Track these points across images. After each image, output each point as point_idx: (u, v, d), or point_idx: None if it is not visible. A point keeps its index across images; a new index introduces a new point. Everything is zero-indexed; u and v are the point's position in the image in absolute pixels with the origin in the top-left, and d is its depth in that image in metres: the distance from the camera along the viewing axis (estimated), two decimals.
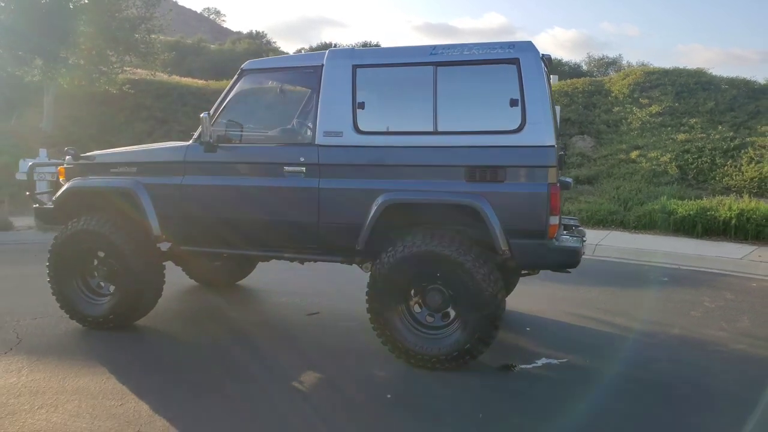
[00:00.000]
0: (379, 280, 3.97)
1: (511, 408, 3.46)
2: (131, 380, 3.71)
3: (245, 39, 49.26)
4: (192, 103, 17.48)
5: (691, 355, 4.40)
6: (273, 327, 4.92)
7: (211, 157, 4.37)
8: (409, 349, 3.94)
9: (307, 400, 3.51)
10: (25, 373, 3.81)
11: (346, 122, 4.08)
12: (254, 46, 48.49)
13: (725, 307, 5.77)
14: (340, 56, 4.20)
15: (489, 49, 3.89)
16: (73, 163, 4.90)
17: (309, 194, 4.15)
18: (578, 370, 4.05)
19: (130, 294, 4.55)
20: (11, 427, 3.08)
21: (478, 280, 3.75)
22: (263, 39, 53.17)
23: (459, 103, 3.96)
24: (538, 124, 3.73)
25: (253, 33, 51.47)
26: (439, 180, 3.91)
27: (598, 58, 36.53)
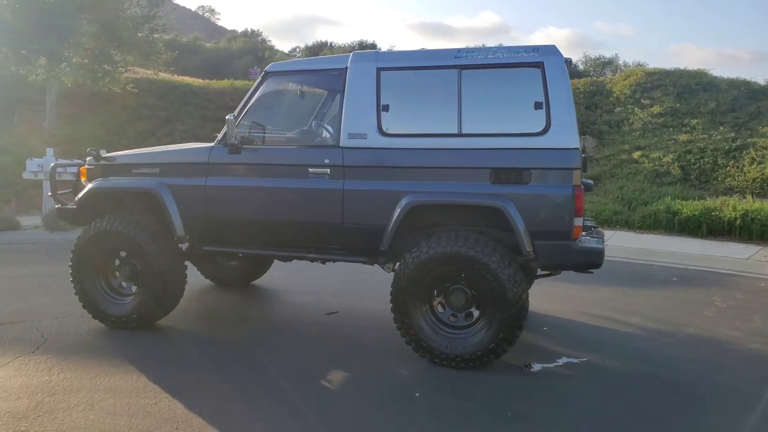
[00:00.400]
0: (404, 280, 4.02)
1: (538, 407, 3.52)
2: (162, 379, 3.75)
3: (240, 37, 49.20)
4: (194, 102, 17.51)
5: (708, 355, 4.47)
6: (293, 326, 4.97)
7: (236, 158, 4.41)
8: (433, 348, 4.00)
9: (337, 399, 3.57)
10: (56, 371, 3.85)
11: (371, 124, 4.14)
12: (250, 44, 48.45)
13: (736, 307, 5.86)
14: (364, 59, 4.26)
15: (513, 53, 3.95)
16: (94, 163, 4.94)
17: (333, 196, 4.20)
18: (599, 369, 4.12)
19: (153, 294, 4.60)
20: (51, 426, 3.12)
21: (503, 281, 3.81)
22: (258, 37, 53.16)
23: (483, 106, 4.02)
24: (563, 126, 3.79)
25: (248, 31, 51.42)
26: (464, 182, 3.97)
27: (595, 57, 36.69)
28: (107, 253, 4.78)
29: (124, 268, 4.79)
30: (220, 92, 18.33)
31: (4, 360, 4.05)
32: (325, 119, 5.24)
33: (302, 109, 5.33)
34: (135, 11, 15.15)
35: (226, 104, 17.81)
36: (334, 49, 44.97)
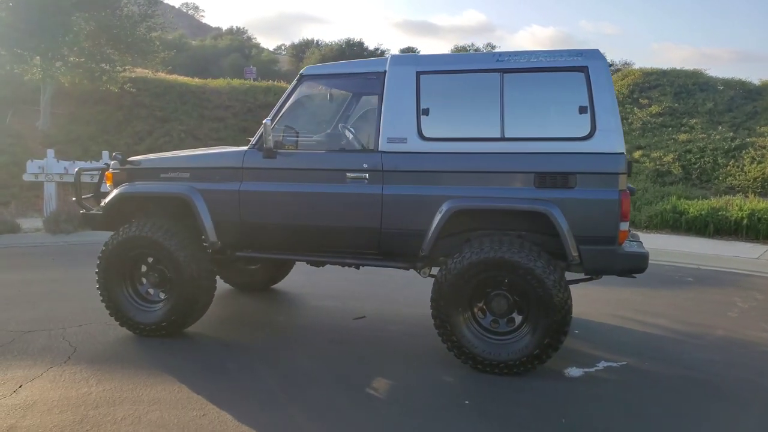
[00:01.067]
0: (446, 286, 3.98)
1: (589, 413, 3.50)
2: (203, 389, 3.68)
3: (226, 35, 48.85)
4: (192, 102, 17.34)
5: (743, 357, 4.48)
6: (323, 332, 4.91)
7: (271, 163, 4.34)
8: (476, 354, 3.97)
9: (386, 407, 3.52)
10: (94, 382, 3.77)
11: (411, 129, 4.09)
12: (236, 42, 48.14)
13: (759, 307, 5.90)
14: (403, 62, 4.21)
15: (556, 57, 3.93)
16: (119, 167, 4.84)
17: (372, 200, 4.15)
18: (639, 374, 4.11)
19: (184, 301, 4.52)
20: None
21: (549, 286, 3.79)
22: (244, 35, 52.87)
23: (526, 110, 3.99)
24: (609, 131, 3.77)
25: (233, 29, 51.07)
26: (507, 186, 3.94)
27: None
28: (135, 259, 4.69)
29: (152, 275, 4.70)
30: (217, 91, 18.16)
31: (36, 371, 3.95)
32: (348, 122, 5.19)
33: (334, 112, 5.27)
34: (132, 9, 14.94)
35: (224, 104, 17.69)
36: (321, 48, 44.85)
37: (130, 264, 4.70)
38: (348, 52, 41.84)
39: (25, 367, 4.02)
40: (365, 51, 43.27)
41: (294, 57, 51.86)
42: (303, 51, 51.71)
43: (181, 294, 4.51)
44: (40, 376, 3.88)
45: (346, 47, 42.90)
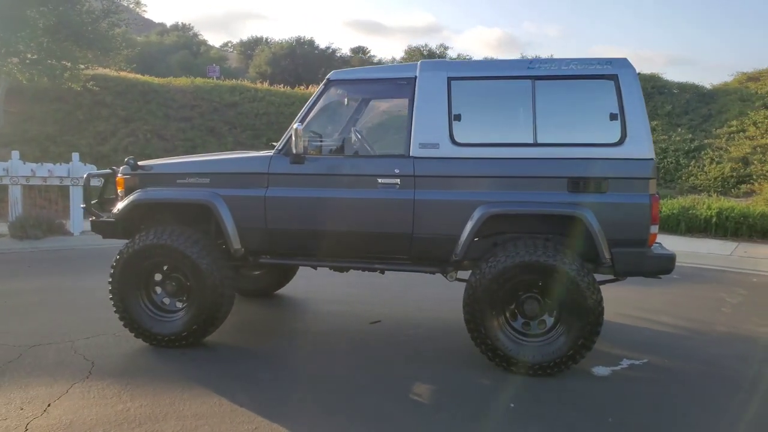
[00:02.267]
0: (480, 290, 4.03)
1: (630, 409, 3.60)
2: (244, 401, 3.59)
3: (172, 31, 47.58)
4: (156, 101, 16.85)
5: (751, 351, 4.72)
6: (343, 337, 4.88)
7: (299, 168, 4.28)
8: (510, 357, 4.03)
9: (435, 413, 3.53)
10: (127, 398, 3.62)
11: (443, 134, 4.11)
12: (183, 39, 46.97)
13: (746, 303, 6.21)
14: (433, 68, 4.23)
15: (587, 65, 4.03)
16: (130, 173, 4.67)
17: (404, 206, 4.15)
18: (663, 370, 4.27)
19: (207, 309, 4.40)
20: None
21: (583, 289, 3.88)
22: (190, 31, 51.73)
23: (558, 116, 4.08)
24: (639, 137, 3.90)
25: (178, 25, 49.75)
26: (541, 191, 4.01)
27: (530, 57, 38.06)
28: (152, 268, 4.54)
29: (168, 284, 4.55)
30: (181, 91, 17.69)
31: (59, 388, 3.77)
32: (357, 126, 5.18)
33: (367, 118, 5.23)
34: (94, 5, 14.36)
35: (189, 103, 17.26)
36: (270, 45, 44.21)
37: (146, 273, 4.55)
38: (299, 51, 41.41)
39: (45, 384, 3.83)
40: (316, 49, 42.95)
41: (242, 54, 51.03)
42: (252, 48, 50.95)
43: (203, 303, 4.39)
44: (65, 393, 3.70)
45: (297, 45, 42.40)
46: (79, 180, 10.37)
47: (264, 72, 38.38)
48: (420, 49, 39.71)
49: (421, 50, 39.57)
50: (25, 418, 3.35)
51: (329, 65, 41.83)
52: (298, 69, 39.65)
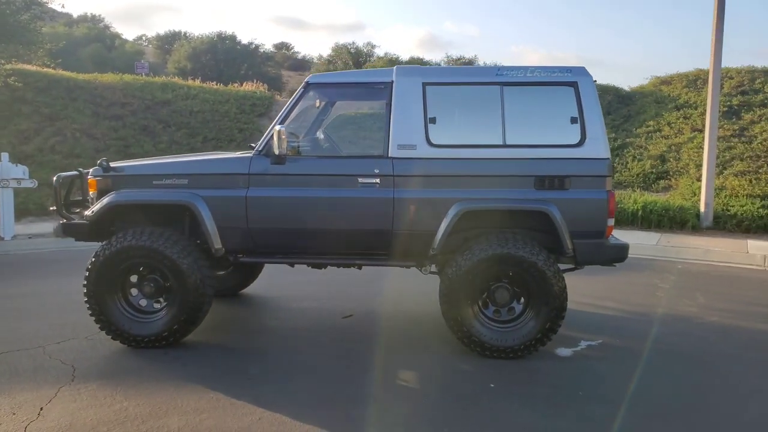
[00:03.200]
0: (456, 281, 4.32)
1: (595, 385, 3.99)
2: (241, 394, 3.69)
3: (81, 22, 45.30)
4: (82, 98, 16.11)
5: (688, 328, 5.29)
6: (319, 332, 5.03)
7: (280, 169, 4.41)
8: (484, 342, 4.35)
9: (425, 396, 3.78)
10: (120, 398, 3.65)
11: (419, 136, 4.37)
12: (95, 31, 44.87)
13: (676, 287, 6.88)
14: (409, 73, 4.47)
15: (549, 73, 4.40)
16: (102, 174, 4.63)
17: (383, 204, 4.37)
18: (618, 349, 4.73)
19: (189, 309, 4.44)
20: None
21: (549, 277, 4.26)
22: (101, 23, 49.53)
23: (524, 119, 4.41)
24: (597, 139, 4.31)
25: (87, 16, 47.39)
26: (510, 188, 4.35)
27: (456, 58, 39.13)
28: (128, 269, 4.52)
29: (146, 285, 4.55)
30: (110, 87, 17.00)
31: (46, 392, 3.73)
32: (322, 127, 5.36)
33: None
34: None
35: (119, 101, 16.64)
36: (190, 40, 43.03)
37: (123, 275, 4.53)
38: (220, 46, 40.46)
39: (30, 389, 3.78)
40: (238, 45, 42.06)
41: (159, 49, 49.34)
42: (169, 43, 49.33)
43: (184, 303, 4.43)
44: (55, 396, 3.67)
45: (218, 40, 41.40)
46: (8, 182, 9.88)
47: (184, 67, 37.23)
48: (347, 46, 39.76)
49: (349, 48, 39.62)
50: (21, 422, 3.32)
51: (252, 61, 41.05)
52: (220, 65, 38.71)
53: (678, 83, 17.34)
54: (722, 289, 6.90)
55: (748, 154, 13.23)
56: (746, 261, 8.62)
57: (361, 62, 38.57)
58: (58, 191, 4.73)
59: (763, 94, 15.45)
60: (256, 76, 30.73)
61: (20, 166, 10.08)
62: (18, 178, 9.90)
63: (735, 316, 5.72)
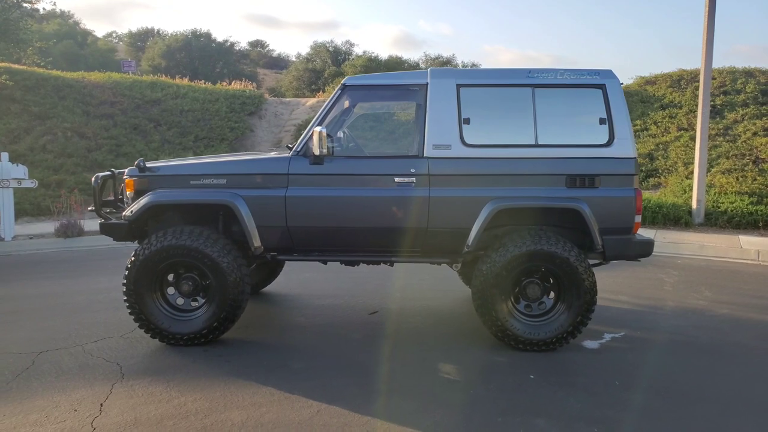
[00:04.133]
0: (491, 277, 4.47)
1: (627, 373, 4.18)
2: (293, 389, 3.80)
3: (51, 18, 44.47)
4: (72, 96, 15.94)
5: (701, 320, 5.52)
6: (351, 328, 5.13)
7: (318, 169, 4.51)
8: (519, 336, 4.51)
9: (471, 387, 3.92)
10: (176, 394, 3.73)
11: (454, 136, 4.51)
12: (65, 28, 44.11)
13: (681, 281, 7.14)
14: (443, 75, 4.60)
15: (578, 75, 4.57)
16: (140, 174, 4.67)
17: (419, 203, 4.50)
18: (640, 341, 4.92)
19: (229, 307, 4.52)
20: None
21: (581, 272, 4.44)
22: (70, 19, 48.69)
23: (554, 120, 4.57)
24: (625, 139, 4.50)
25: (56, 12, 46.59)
26: (542, 187, 4.51)
27: (434, 57, 39.41)
28: (168, 268, 4.58)
29: (184, 283, 4.61)
30: (99, 86, 16.82)
31: (102, 389, 3.79)
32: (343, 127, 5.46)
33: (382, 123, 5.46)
34: None
35: (109, 99, 16.49)
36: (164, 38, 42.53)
37: (161, 273, 4.58)
38: (195, 43, 40.10)
39: (82, 386, 3.83)
40: (213, 42, 41.73)
41: (132, 46, 48.73)
42: (142, 40, 48.74)
43: (224, 300, 4.51)
44: (111, 393, 3.74)
45: (192, 38, 41.00)
46: (9, 182, 9.77)
47: (158, 65, 36.83)
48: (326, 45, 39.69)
49: (327, 46, 39.56)
50: (86, 418, 3.38)
51: (228, 59, 40.73)
52: (195, 62, 38.39)
53: (662, 83, 17.78)
54: (724, 282, 7.18)
55: (734, 153, 13.65)
56: (741, 256, 8.95)
57: (341, 60, 38.62)
58: (97, 191, 4.76)
59: (745, 94, 15.94)
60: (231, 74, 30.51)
61: (20, 166, 9.98)
62: (18, 179, 9.80)
63: (743, 308, 5.98)
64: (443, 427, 3.34)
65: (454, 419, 3.45)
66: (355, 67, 33.14)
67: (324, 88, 34.43)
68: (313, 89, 35.95)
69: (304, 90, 35.54)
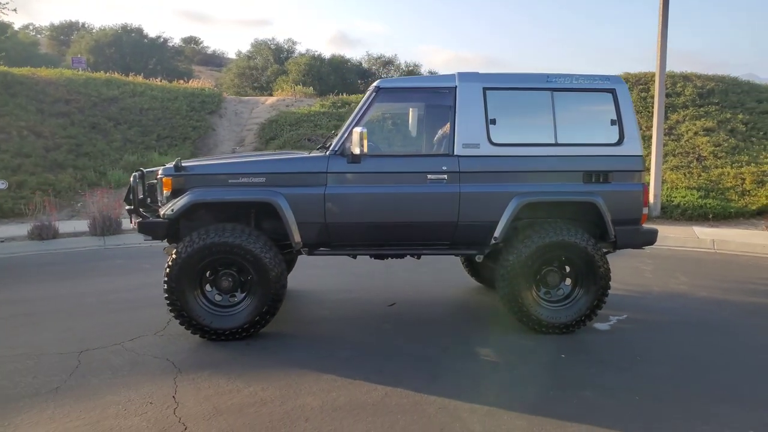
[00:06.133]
0: (518, 266, 4.83)
1: (641, 352, 4.62)
2: (351, 374, 4.02)
3: None
4: (23, 93, 15.31)
5: (687, 302, 6.09)
6: (378, 319, 5.36)
7: (356, 167, 4.73)
8: (542, 320, 4.89)
9: (513, 368, 4.25)
10: (242, 385, 3.87)
11: (482, 136, 4.83)
12: None
13: (658, 269, 7.76)
14: (471, 79, 4.91)
15: (591, 80, 5.00)
16: (178, 174, 4.74)
17: (451, 198, 4.80)
18: (642, 322, 5.41)
19: (269, 301, 4.68)
20: None
21: (597, 260, 4.87)
22: None
23: (571, 121, 4.97)
24: (633, 138, 4.96)
25: None
26: (561, 182, 4.91)
27: (376, 56, 39.86)
28: (208, 265, 4.68)
29: (224, 280, 4.73)
30: (52, 83, 16.20)
31: (166, 383, 3.90)
32: None
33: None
34: None
35: (64, 97, 15.93)
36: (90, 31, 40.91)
37: (202, 270, 4.68)
38: (125, 38, 38.78)
39: (145, 382, 3.93)
40: (145, 38, 40.47)
41: (55, 40, 46.62)
42: (66, 33, 46.72)
43: (266, 294, 4.66)
44: (177, 386, 3.84)
45: (123, 33, 39.59)
46: None
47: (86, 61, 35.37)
48: (267, 42, 39.28)
49: (269, 44, 39.19)
50: (165, 410, 3.50)
51: (161, 55, 39.55)
52: (126, 58, 37.08)
53: None
54: (693, 269, 7.85)
55: (679, 151, 14.71)
56: (698, 245, 9.76)
57: (283, 59, 38.35)
58: (136, 190, 4.79)
59: (684, 96, 17.12)
60: (165, 71, 29.70)
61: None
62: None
63: (717, 291, 6.62)
64: (505, 403, 3.65)
65: (511, 396, 3.77)
66: (299, 65, 32.99)
67: (269, 86, 34.07)
68: (256, 87, 35.55)
69: (246, 88, 35.04)
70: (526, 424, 3.37)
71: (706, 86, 17.11)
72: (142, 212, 4.81)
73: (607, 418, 3.47)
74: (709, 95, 16.74)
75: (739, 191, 12.42)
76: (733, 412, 3.57)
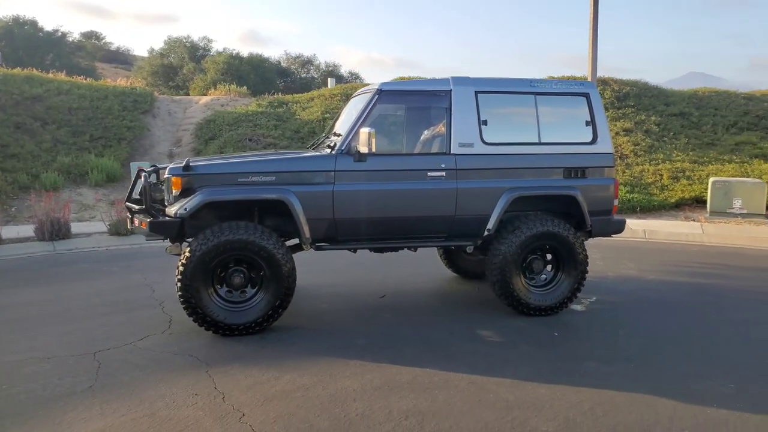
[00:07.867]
0: (509, 255, 5.28)
1: (624, 326, 5.20)
2: (378, 359, 4.30)
3: None
4: None
5: (642, 284, 6.81)
6: (375, 310, 5.65)
7: (362, 166, 4.99)
8: (530, 303, 5.38)
9: (512, 347, 4.68)
10: (275, 373, 4.05)
11: (475, 135, 5.24)
12: None
13: (606, 257, 8.53)
14: (463, 83, 5.30)
15: (568, 86, 5.55)
16: (187, 173, 4.81)
17: (449, 193, 5.17)
18: (611, 303, 6.02)
19: (282, 295, 4.85)
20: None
21: (577, 247, 5.42)
22: None
23: (552, 122, 5.49)
24: (605, 138, 5.55)
25: None
26: (544, 178, 5.41)
27: (295, 56, 39.86)
28: (222, 262, 4.78)
29: (236, 276, 4.85)
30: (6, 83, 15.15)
31: (199, 377, 4.00)
32: None
33: None
34: None
35: None
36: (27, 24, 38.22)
37: (215, 267, 4.78)
38: (18, 31, 36.42)
39: (177, 377, 4.01)
40: (41, 31, 38.22)
41: None
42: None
43: (278, 289, 4.83)
44: (212, 380, 3.95)
45: (15, 25, 37.17)
46: None
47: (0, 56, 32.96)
48: (182, 40, 38.18)
49: (183, 42, 38.13)
50: (214, 398, 3.64)
51: (59, 50, 37.42)
52: (19, 52, 34.80)
53: None
54: (636, 256, 8.69)
55: None
56: (632, 235, 10.72)
57: (199, 57, 37.41)
58: (148, 189, 4.80)
59: (605, 99, 18.50)
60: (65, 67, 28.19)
61: None
62: None
63: (663, 273, 7.42)
64: (524, 375, 4.06)
65: (527, 368, 4.20)
66: (217, 64, 32.36)
67: (185, 85, 33.03)
68: (171, 86, 34.48)
69: (161, 87, 33.91)
70: (549, 392, 3.80)
71: (623, 90, 18.57)
72: (153, 212, 4.82)
73: (615, 382, 3.96)
74: (626, 98, 18.18)
75: (659, 186, 13.67)
76: (715, 372, 4.16)
